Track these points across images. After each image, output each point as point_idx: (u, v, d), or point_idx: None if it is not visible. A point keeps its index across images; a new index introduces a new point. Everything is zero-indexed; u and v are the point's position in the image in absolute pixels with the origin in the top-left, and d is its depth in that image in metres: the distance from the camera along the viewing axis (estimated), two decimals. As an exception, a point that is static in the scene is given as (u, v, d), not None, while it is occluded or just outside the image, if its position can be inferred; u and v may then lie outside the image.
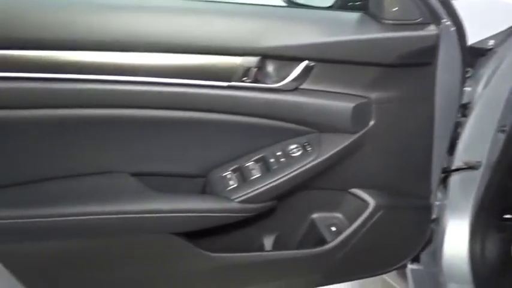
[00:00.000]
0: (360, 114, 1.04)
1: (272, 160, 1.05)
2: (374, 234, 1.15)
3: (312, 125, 1.06)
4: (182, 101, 0.98)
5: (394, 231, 1.19)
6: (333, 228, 1.17)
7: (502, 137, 1.13)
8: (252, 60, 0.96)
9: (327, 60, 0.99)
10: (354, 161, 1.08)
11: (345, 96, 1.03)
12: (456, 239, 1.19)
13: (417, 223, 1.21)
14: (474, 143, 1.14)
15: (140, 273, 1.08)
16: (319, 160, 1.04)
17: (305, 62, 0.99)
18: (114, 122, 0.98)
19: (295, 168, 1.04)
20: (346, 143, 1.06)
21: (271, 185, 1.04)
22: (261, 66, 0.98)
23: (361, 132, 1.06)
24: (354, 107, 1.02)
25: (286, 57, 0.98)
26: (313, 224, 1.18)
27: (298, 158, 1.05)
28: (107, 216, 0.98)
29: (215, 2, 1.02)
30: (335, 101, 1.03)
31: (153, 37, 0.92)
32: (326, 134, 1.06)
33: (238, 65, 0.96)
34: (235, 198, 1.03)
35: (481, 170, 1.15)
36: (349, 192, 1.15)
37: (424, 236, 1.22)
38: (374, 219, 1.14)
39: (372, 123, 1.06)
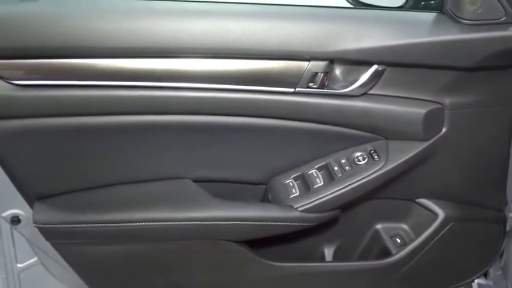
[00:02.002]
0: (432, 120, 0.97)
1: (336, 168, 1.01)
2: (442, 247, 1.10)
3: (380, 132, 1.01)
4: (247, 108, 0.95)
5: (464, 245, 1.13)
6: (398, 240, 1.12)
7: None
8: (319, 65, 0.92)
9: (399, 64, 0.93)
10: (423, 169, 1.03)
11: (416, 102, 0.97)
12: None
13: (489, 237, 1.14)
14: None
15: (202, 280, 1.07)
16: (386, 169, 0.99)
17: (375, 66, 0.94)
18: (177, 128, 0.97)
19: (360, 178, 0.99)
20: (416, 151, 1.00)
21: (334, 194, 0.99)
22: (328, 71, 0.93)
23: (432, 140, 1.00)
24: (426, 113, 0.96)
25: (355, 62, 0.93)
26: (377, 235, 1.14)
27: (363, 166, 1.00)
28: (171, 223, 0.98)
29: (278, 5, 0.98)
30: (406, 107, 0.97)
31: (217, 42, 0.90)
32: (394, 141, 1.01)
33: (304, 70, 0.92)
34: (298, 207, 1.00)
35: None
36: (416, 203, 1.09)
37: (496, 250, 1.16)
38: (443, 232, 1.08)
39: (444, 130, 0.99)
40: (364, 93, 0.96)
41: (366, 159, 1.01)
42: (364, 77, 0.94)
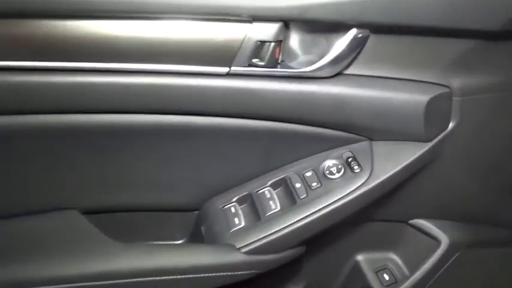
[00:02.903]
0: (436, 112, 0.68)
1: (298, 185, 0.70)
2: (447, 283, 0.81)
3: (361, 130, 0.70)
4: (158, 99, 0.63)
5: (477, 278, 0.83)
6: (386, 277, 0.82)
7: None
8: (266, 29, 0.60)
9: (390, 28, 0.62)
10: (420, 180, 0.73)
11: (414, 85, 0.68)
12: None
13: (508, 262, 0.85)
14: None
15: None
16: (371, 186, 0.68)
17: (353, 32, 0.62)
18: (44, 131, 0.63)
19: (333, 200, 0.68)
20: (414, 156, 0.70)
21: (295, 226, 0.68)
22: (281, 40, 0.61)
23: (436, 140, 0.70)
24: (429, 102, 0.66)
25: (322, 24, 0.61)
26: (357, 269, 0.84)
27: (338, 181, 0.70)
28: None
29: None
30: (399, 93, 0.67)
31: None
32: (381, 143, 0.71)
33: (243, 38, 0.60)
34: (242, 247, 0.67)
35: None
36: (410, 225, 0.81)
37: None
38: (448, 263, 0.80)
39: (452, 125, 0.70)
40: (338, 74, 0.65)
41: (342, 171, 0.69)
42: (337, 48, 0.63)
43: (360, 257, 0.84)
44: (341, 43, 0.62)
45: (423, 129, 0.68)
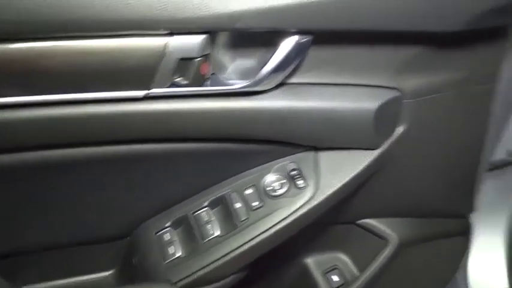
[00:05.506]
0: (386, 117, 0.62)
1: (238, 205, 0.63)
2: (398, 279, 0.80)
3: (305, 140, 0.63)
4: (78, 130, 0.53)
5: (422, 271, 0.83)
6: (335, 278, 0.78)
7: None
8: (189, 42, 0.49)
9: (332, 33, 0.54)
10: (369, 183, 0.68)
11: (362, 91, 0.60)
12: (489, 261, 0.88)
13: (452, 252, 0.86)
14: None
15: None
16: (317, 201, 0.62)
17: (294, 38, 0.53)
18: None
19: (277, 221, 0.62)
20: (362, 166, 0.64)
21: (238, 251, 0.61)
22: (208, 53, 0.51)
23: (386, 145, 0.64)
24: (379, 107, 0.59)
25: (256, 32, 0.52)
26: (305, 272, 0.80)
27: (282, 199, 0.62)
28: None
29: None
30: (347, 99, 0.59)
31: None
32: (327, 152, 0.64)
33: (162, 53, 0.49)
34: (180, 281, 0.60)
35: None
36: (358, 225, 0.77)
37: (460, 265, 0.87)
38: (398, 260, 0.77)
39: (401, 129, 0.64)
40: (279, 85, 0.56)
41: (286, 187, 0.62)
42: (277, 57, 0.53)
43: (308, 260, 0.79)
44: (280, 52, 0.53)
45: (372, 136, 0.62)
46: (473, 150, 0.74)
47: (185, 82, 0.51)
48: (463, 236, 0.84)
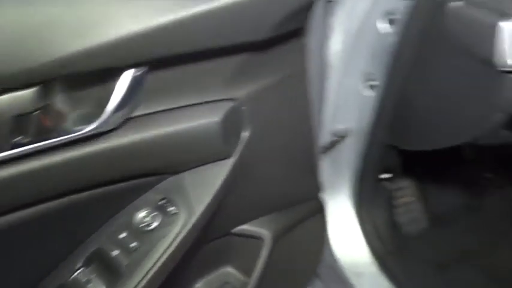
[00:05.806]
0: (230, 126, 0.65)
1: (116, 253, 0.60)
2: (280, 271, 0.85)
3: (163, 169, 0.63)
4: None
5: (297, 255, 0.90)
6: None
7: (371, 94, 0.90)
8: (20, 100, 0.46)
9: (166, 59, 0.56)
10: (235, 191, 0.71)
11: (204, 108, 0.63)
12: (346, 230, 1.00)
13: (314, 232, 0.93)
14: (340, 107, 0.91)
15: None
16: (194, 220, 0.63)
17: (129, 72, 0.53)
18: None
19: (159, 254, 0.61)
20: (224, 176, 0.67)
21: None
22: (47, 103, 0.48)
23: (237, 153, 0.68)
24: (222, 119, 0.63)
25: (86, 76, 0.51)
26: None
27: (158, 232, 0.62)
28: None
29: None
30: (191, 119, 0.62)
31: None
32: (189, 173, 0.65)
33: None
34: None
35: (353, 137, 0.95)
36: (235, 234, 0.79)
37: (323, 244, 0.97)
38: (275, 252, 0.82)
39: (246, 134, 0.69)
40: (125, 120, 0.56)
41: (160, 217, 0.62)
42: (116, 95, 0.53)
43: (198, 285, 0.79)
44: (119, 88, 0.53)
45: (223, 147, 0.66)
46: (306, 137, 0.83)
47: (28, 139, 0.48)
48: (320, 214, 0.93)
